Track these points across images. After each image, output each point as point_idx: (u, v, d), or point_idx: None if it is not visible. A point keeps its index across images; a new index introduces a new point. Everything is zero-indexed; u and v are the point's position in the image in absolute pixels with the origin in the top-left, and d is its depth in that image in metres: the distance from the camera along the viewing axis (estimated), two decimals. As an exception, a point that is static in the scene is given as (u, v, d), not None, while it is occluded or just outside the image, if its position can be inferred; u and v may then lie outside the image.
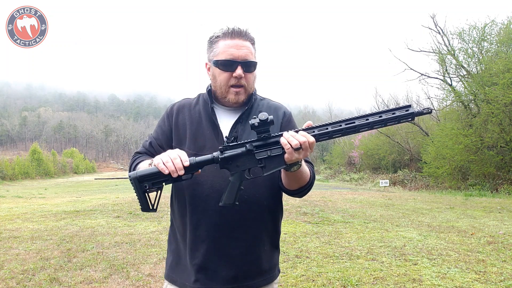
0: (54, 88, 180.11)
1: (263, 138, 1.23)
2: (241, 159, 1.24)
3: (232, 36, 1.36)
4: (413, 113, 1.19)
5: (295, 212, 8.02)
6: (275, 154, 1.22)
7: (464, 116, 17.33)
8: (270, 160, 1.23)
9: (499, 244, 5.27)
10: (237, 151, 1.24)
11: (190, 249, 1.37)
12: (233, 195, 1.25)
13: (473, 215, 7.95)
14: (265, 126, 1.21)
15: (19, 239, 5.79)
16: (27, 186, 30.17)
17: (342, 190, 16.77)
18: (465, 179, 16.40)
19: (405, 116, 1.19)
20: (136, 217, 7.79)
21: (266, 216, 1.41)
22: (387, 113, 1.20)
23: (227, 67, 1.35)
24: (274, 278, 1.48)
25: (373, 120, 1.20)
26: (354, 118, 1.21)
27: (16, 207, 10.25)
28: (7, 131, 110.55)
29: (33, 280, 3.93)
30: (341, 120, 1.22)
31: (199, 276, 1.35)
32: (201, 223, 1.35)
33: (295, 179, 1.34)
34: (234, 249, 1.35)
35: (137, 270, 4.28)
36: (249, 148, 1.23)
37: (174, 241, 1.46)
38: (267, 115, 1.19)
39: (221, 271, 1.35)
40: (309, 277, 3.96)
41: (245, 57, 1.35)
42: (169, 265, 1.47)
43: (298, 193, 1.41)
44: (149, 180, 1.21)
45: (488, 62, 15.81)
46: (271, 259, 1.46)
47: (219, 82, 1.38)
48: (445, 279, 3.85)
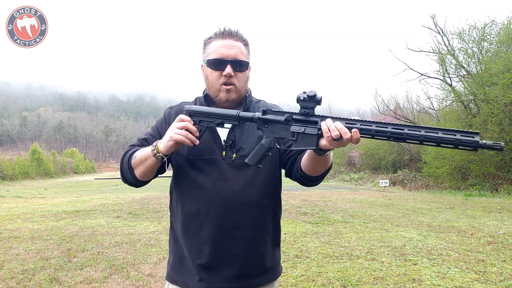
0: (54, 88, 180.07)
1: (304, 113, 1.21)
2: (277, 126, 1.25)
3: (223, 36, 1.38)
4: (477, 142, 1.03)
5: (295, 212, 8.02)
6: (309, 133, 1.20)
7: (464, 116, 17.33)
8: (302, 137, 1.21)
9: (499, 244, 5.27)
10: (276, 117, 1.25)
11: (192, 250, 1.38)
12: (258, 156, 1.27)
13: (473, 215, 7.96)
14: (311, 102, 1.19)
15: (19, 239, 5.79)
16: (27, 186, 30.17)
17: (342, 190, 16.77)
18: (465, 179, 16.40)
19: (467, 143, 1.04)
20: (136, 217, 7.79)
21: (266, 215, 1.42)
22: (447, 132, 1.06)
23: (217, 66, 1.36)
24: (277, 276, 1.50)
25: (425, 134, 1.07)
26: (404, 126, 1.10)
27: (16, 207, 10.26)
28: (7, 131, 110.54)
29: (33, 280, 3.93)
30: (389, 123, 1.13)
31: (203, 275, 1.36)
32: (203, 225, 1.36)
33: (323, 163, 1.32)
34: (237, 249, 1.36)
35: (137, 270, 4.28)
36: (287, 118, 1.23)
37: (175, 242, 1.46)
38: (315, 92, 1.18)
39: (224, 270, 1.36)
40: (309, 277, 3.96)
41: (235, 56, 1.36)
42: (170, 265, 1.47)
43: (321, 178, 1.41)
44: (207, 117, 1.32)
45: (488, 62, 15.81)
46: (273, 257, 1.48)
47: (211, 81, 1.40)
48: (445, 279, 3.85)
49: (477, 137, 1.04)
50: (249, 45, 1.44)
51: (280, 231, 1.54)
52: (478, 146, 1.03)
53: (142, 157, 1.32)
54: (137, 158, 1.34)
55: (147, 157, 1.31)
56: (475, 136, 1.04)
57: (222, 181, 1.35)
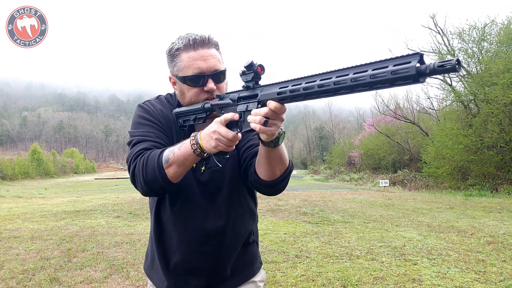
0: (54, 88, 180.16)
1: (247, 88, 1.08)
2: (230, 109, 1.13)
3: (195, 46, 1.22)
4: (415, 68, 0.73)
5: (295, 212, 8.02)
6: (251, 109, 1.05)
7: (464, 116, 17.33)
8: (247, 115, 1.05)
9: (498, 244, 5.27)
10: (227, 101, 1.14)
11: (162, 257, 1.37)
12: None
13: (473, 215, 7.95)
14: (250, 73, 1.05)
15: (19, 239, 5.79)
16: (27, 186, 30.16)
17: (342, 190, 16.77)
18: (465, 179, 16.39)
19: (404, 76, 0.74)
20: (136, 217, 7.80)
21: (243, 241, 1.41)
22: (379, 65, 0.79)
23: (196, 83, 1.23)
24: (255, 273, 1.44)
25: (354, 76, 0.82)
26: (332, 72, 0.88)
27: (16, 207, 10.26)
28: (7, 131, 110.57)
29: (33, 280, 3.93)
30: (318, 74, 0.91)
31: (170, 282, 1.36)
32: (173, 235, 1.34)
33: (277, 159, 1.16)
34: (204, 263, 1.34)
35: (137, 270, 4.28)
36: (232, 98, 1.12)
37: (150, 242, 1.46)
38: (251, 60, 1.04)
39: (193, 280, 1.35)
40: (309, 277, 3.96)
41: (214, 67, 1.23)
42: (148, 261, 1.47)
43: (278, 183, 1.22)
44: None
45: (488, 62, 15.80)
46: (244, 257, 1.42)
47: (189, 98, 1.26)
48: (445, 279, 3.85)
49: (414, 61, 0.73)
50: (219, 45, 1.29)
51: (256, 228, 1.50)
52: (420, 74, 0.73)
53: (178, 157, 1.12)
54: (172, 159, 1.12)
55: (186, 157, 1.11)
56: (413, 60, 0.73)
57: (205, 197, 1.32)
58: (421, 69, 0.73)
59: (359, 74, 0.81)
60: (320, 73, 0.90)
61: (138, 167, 1.17)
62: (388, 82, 0.77)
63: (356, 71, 0.82)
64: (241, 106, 1.09)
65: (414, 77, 0.73)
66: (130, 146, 1.26)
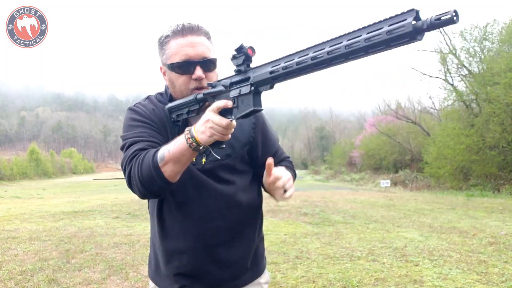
0: (53, 88, 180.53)
1: (238, 72, 1.06)
2: (223, 97, 1.10)
3: (183, 33, 1.19)
4: (412, 25, 0.70)
5: (296, 213, 7.99)
6: (244, 92, 1.03)
7: (465, 116, 17.31)
8: (242, 100, 1.04)
9: (500, 245, 5.23)
10: (219, 88, 1.11)
11: (167, 261, 1.33)
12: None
13: (475, 216, 7.91)
14: (241, 57, 1.03)
15: (18, 240, 5.75)
16: (25, 186, 30.12)
17: (343, 190, 16.75)
18: (467, 180, 16.37)
19: (400, 35, 0.72)
20: (135, 218, 7.76)
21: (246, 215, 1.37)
22: (373, 29, 0.76)
23: (184, 70, 1.19)
24: (260, 274, 1.41)
25: (348, 43, 0.79)
26: (325, 43, 0.86)
27: (14, 208, 10.21)
28: (5, 131, 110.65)
29: (32, 281, 3.89)
30: (310, 47, 0.88)
31: (181, 284, 1.32)
32: (179, 237, 1.30)
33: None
34: (212, 264, 1.31)
35: (136, 271, 4.24)
36: (224, 85, 1.09)
37: (152, 247, 1.42)
38: (241, 43, 1.02)
39: (201, 281, 1.32)
40: (310, 278, 3.92)
41: (203, 54, 1.19)
42: (152, 266, 1.44)
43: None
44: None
45: (490, 61, 15.77)
46: (255, 256, 1.40)
47: (178, 87, 1.22)
48: (447, 280, 3.82)
49: (410, 18, 0.70)
50: (210, 36, 1.25)
51: (262, 227, 1.47)
52: (417, 31, 0.70)
53: (174, 154, 1.06)
54: (167, 157, 1.07)
55: (182, 152, 1.06)
56: (408, 17, 0.70)
57: (212, 198, 1.30)
58: (417, 26, 0.70)
59: (353, 39, 0.79)
60: (313, 45, 0.88)
61: (133, 169, 1.12)
62: (384, 44, 0.74)
63: (350, 37, 0.80)
64: (234, 91, 1.07)
65: (411, 34, 0.70)
66: (123, 150, 1.21)
